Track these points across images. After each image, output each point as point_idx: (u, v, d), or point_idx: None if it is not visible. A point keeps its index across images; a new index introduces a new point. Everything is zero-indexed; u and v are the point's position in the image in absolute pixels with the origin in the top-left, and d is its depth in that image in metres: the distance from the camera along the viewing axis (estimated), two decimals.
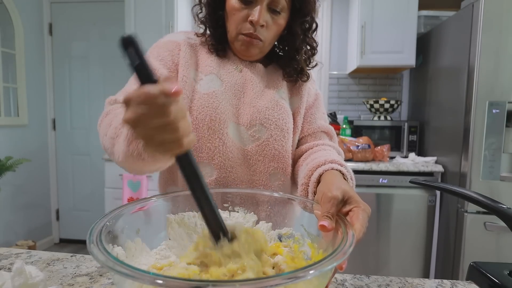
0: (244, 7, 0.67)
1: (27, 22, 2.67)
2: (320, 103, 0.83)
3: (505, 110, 1.63)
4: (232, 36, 0.71)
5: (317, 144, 0.76)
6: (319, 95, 0.84)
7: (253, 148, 0.72)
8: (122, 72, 2.75)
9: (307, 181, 0.61)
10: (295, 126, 0.77)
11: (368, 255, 1.99)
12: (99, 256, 0.30)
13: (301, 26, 0.73)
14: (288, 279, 0.28)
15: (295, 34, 0.73)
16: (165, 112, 0.33)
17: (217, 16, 0.74)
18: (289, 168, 0.75)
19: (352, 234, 0.38)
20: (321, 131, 0.80)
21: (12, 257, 0.62)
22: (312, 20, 0.74)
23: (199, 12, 0.76)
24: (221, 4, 0.72)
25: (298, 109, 0.78)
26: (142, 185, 2.12)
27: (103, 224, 0.38)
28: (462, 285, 0.55)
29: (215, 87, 0.71)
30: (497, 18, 1.62)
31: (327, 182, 0.54)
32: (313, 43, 0.77)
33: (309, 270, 0.29)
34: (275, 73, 0.79)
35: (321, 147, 0.74)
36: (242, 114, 0.73)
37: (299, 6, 0.70)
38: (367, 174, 1.96)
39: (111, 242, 0.38)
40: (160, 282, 0.26)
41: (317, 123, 0.80)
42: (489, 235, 1.69)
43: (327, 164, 0.60)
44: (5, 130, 2.51)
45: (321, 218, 0.43)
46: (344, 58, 2.66)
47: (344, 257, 0.33)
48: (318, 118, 0.80)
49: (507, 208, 0.48)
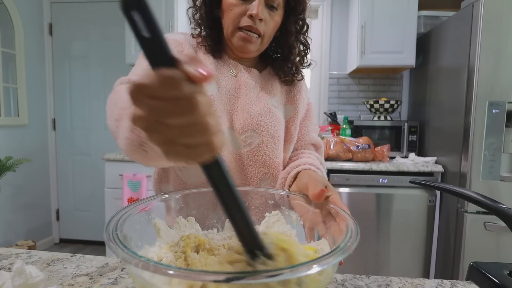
0: (242, 2, 0.68)
1: (27, 22, 2.67)
2: (312, 114, 0.85)
3: (505, 110, 1.63)
4: (229, 31, 0.71)
5: (303, 151, 0.81)
6: (311, 105, 0.86)
7: (245, 153, 0.73)
8: (122, 72, 2.74)
9: (285, 176, 0.68)
10: (289, 134, 0.78)
11: (368, 255, 1.99)
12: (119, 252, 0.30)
13: (295, 25, 0.75)
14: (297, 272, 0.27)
15: (289, 33, 0.75)
16: (192, 106, 0.24)
17: (213, 16, 0.74)
18: (279, 174, 0.76)
19: (356, 229, 0.38)
20: (310, 143, 0.83)
21: (12, 257, 0.62)
22: (304, 20, 0.77)
23: (194, 14, 0.76)
24: (217, 4, 0.72)
25: (293, 118, 0.79)
26: (142, 185, 2.12)
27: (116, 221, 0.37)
28: (462, 285, 0.55)
29: (210, 91, 0.71)
30: (497, 18, 1.62)
31: (308, 174, 0.61)
32: (306, 42, 0.79)
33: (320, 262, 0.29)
34: (270, 79, 0.79)
35: (305, 154, 0.79)
36: (235, 119, 0.73)
37: (294, 5, 0.72)
38: (367, 174, 1.96)
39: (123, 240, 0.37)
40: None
41: (309, 136, 0.83)
42: (489, 235, 1.69)
43: (306, 165, 0.67)
44: (5, 130, 2.51)
45: (314, 191, 0.49)
46: (344, 58, 2.66)
47: (351, 250, 0.33)
48: (310, 130, 0.83)
49: (507, 208, 0.48)
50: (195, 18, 0.76)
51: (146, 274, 0.31)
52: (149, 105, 0.24)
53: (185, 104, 0.24)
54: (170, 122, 0.24)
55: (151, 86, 0.23)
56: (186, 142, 0.26)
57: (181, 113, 0.24)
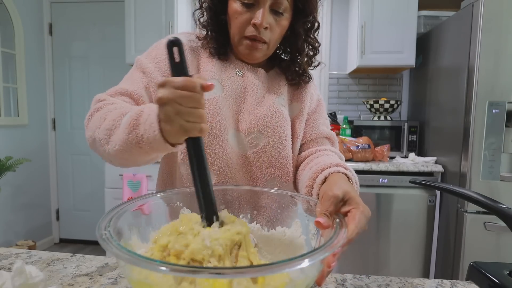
0: (246, 10, 0.67)
1: (27, 22, 2.67)
2: (322, 109, 0.83)
3: (505, 110, 1.63)
4: (236, 40, 0.71)
5: (319, 149, 0.76)
6: (321, 100, 0.84)
7: (251, 154, 0.73)
8: (122, 72, 2.74)
9: (311, 183, 0.60)
10: (295, 132, 0.77)
11: (368, 255, 1.99)
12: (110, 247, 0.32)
13: (303, 26, 0.73)
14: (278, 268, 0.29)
15: (298, 35, 0.73)
16: (199, 100, 0.41)
17: (219, 20, 0.73)
18: (288, 174, 0.75)
19: (344, 231, 0.38)
20: (323, 136, 0.80)
21: (12, 257, 0.62)
22: (314, 19, 0.74)
23: (200, 17, 0.75)
24: (222, 8, 0.71)
25: (299, 115, 0.78)
26: (142, 185, 2.12)
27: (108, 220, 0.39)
28: (462, 285, 0.55)
29: (216, 93, 0.71)
30: (497, 18, 1.62)
31: (330, 182, 0.55)
32: (315, 43, 0.77)
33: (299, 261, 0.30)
34: (277, 78, 0.78)
35: (323, 152, 0.74)
36: (241, 121, 0.73)
37: (302, 6, 0.70)
38: (367, 174, 1.96)
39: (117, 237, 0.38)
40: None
41: (320, 129, 0.80)
42: (489, 235, 1.69)
43: (332, 167, 0.59)
44: (5, 130, 2.51)
45: (319, 215, 0.44)
46: (344, 58, 2.66)
47: (327, 253, 0.32)
48: (320, 123, 0.81)
49: (507, 208, 0.48)
50: (201, 21, 0.75)
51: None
52: (172, 91, 0.40)
53: (194, 98, 0.41)
54: (183, 104, 0.41)
55: (178, 81, 0.40)
56: (188, 118, 0.41)
57: (191, 102, 0.41)
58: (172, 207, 0.52)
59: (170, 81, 0.40)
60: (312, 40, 0.76)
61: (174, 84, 0.40)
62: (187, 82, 0.40)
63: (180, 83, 0.40)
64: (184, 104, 0.40)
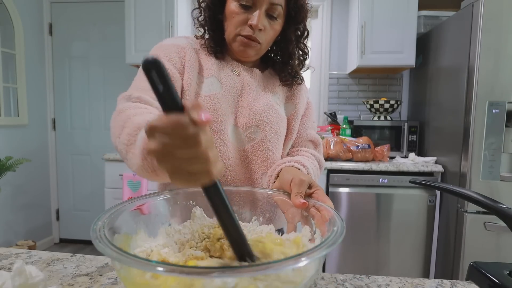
0: (243, 11, 0.71)
1: (27, 22, 2.67)
2: (311, 112, 0.88)
3: (505, 110, 1.63)
4: (231, 37, 0.74)
5: (298, 149, 0.83)
6: (310, 103, 0.89)
7: (249, 148, 0.76)
8: (122, 72, 2.75)
9: (270, 173, 0.70)
10: (289, 131, 0.82)
11: (368, 255, 1.99)
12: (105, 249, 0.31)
13: (294, 33, 0.79)
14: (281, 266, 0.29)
15: (289, 40, 0.78)
16: (196, 142, 0.30)
17: (216, 20, 0.77)
18: None
19: (341, 224, 0.39)
20: (308, 140, 0.85)
21: (12, 257, 0.62)
22: (305, 27, 0.80)
23: (198, 16, 0.79)
24: (220, 8, 0.75)
25: (293, 116, 0.83)
26: (142, 185, 2.12)
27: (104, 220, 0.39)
28: (462, 285, 0.55)
29: (215, 89, 0.74)
30: (497, 18, 1.62)
31: (290, 172, 0.61)
32: (305, 49, 0.83)
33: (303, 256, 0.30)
34: (271, 78, 0.83)
35: (301, 152, 0.81)
36: (240, 116, 0.76)
37: (294, 14, 0.75)
38: (367, 174, 1.96)
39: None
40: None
41: (307, 133, 0.86)
42: (489, 235, 1.69)
43: (291, 162, 0.69)
44: (5, 130, 2.51)
45: (296, 197, 0.51)
46: (344, 58, 2.66)
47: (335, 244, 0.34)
48: (308, 127, 0.86)
49: (507, 208, 0.48)
50: (199, 20, 0.79)
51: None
52: (161, 140, 0.30)
53: (190, 141, 0.30)
54: (178, 154, 0.31)
55: (163, 127, 0.30)
56: (190, 169, 0.32)
57: (187, 148, 0.31)
58: (173, 207, 0.52)
59: (155, 127, 0.30)
60: (302, 45, 0.82)
61: (161, 131, 0.31)
62: (176, 125, 0.29)
63: (169, 129, 0.30)
64: (179, 154, 0.31)
